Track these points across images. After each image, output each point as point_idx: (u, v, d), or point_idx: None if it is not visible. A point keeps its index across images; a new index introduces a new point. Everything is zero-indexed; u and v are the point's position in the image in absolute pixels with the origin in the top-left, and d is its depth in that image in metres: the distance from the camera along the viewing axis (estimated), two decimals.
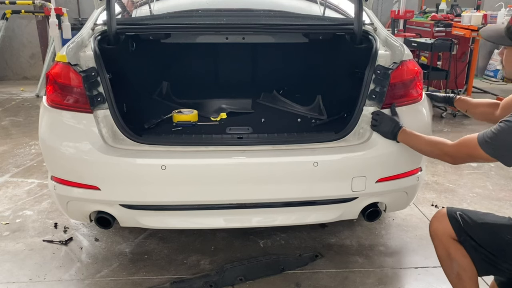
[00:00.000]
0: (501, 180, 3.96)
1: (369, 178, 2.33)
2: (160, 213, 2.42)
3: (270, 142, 2.41)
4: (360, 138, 2.37)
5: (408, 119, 2.33)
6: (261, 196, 2.33)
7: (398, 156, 2.35)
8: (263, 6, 3.24)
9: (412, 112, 2.40)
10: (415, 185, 2.51)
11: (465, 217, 1.96)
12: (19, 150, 4.61)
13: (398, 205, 2.65)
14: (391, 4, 7.29)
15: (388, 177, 2.37)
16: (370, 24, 2.75)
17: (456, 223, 1.96)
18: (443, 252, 2.01)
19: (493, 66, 8.38)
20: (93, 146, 2.23)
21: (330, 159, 2.32)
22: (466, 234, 1.94)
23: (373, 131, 2.34)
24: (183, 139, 2.57)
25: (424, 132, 2.28)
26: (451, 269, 2.00)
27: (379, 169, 2.35)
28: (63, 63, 2.29)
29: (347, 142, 2.38)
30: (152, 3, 3.11)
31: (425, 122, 2.44)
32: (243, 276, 2.55)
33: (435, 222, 2.04)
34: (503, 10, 5.85)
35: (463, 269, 1.95)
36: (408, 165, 2.42)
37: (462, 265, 1.95)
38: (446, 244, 1.98)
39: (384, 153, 2.34)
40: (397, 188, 2.44)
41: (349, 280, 2.57)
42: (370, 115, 2.35)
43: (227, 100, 3.27)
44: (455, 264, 1.97)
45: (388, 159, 2.36)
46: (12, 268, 2.64)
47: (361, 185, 2.33)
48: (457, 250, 1.95)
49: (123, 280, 2.53)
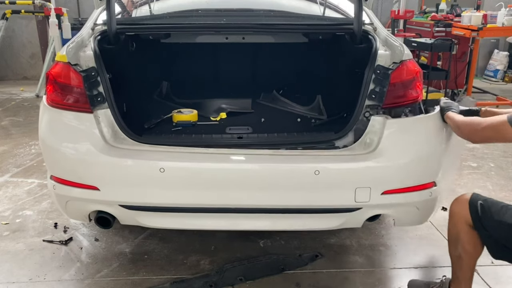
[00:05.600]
0: (501, 180, 3.96)
1: (374, 189, 2.24)
2: (160, 214, 2.41)
3: (270, 142, 2.40)
4: (366, 148, 2.29)
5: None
6: (259, 202, 2.30)
7: (406, 168, 2.28)
8: (263, 6, 3.24)
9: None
10: (427, 200, 2.36)
11: (486, 208, 2.01)
12: (19, 150, 4.61)
13: (409, 220, 2.51)
14: (391, 4, 7.29)
15: (396, 189, 2.27)
16: (370, 24, 2.74)
17: (475, 211, 2.02)
18: (453, 232, 2.14)
19: (493, 66, 8.37)
20: (93, 146, 2.23)
21: (332, 167, 2.26)
22: (481, 225, 2.00)
23: (380, 141, 2.26)
24: (183, 139, 2.57)
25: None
26: (454, 248, 2.15)
27: (385, 180, 2.26)
28: (63, 63, 2.29)
29: (352, 151, 2.31)
30: (152, 3, 3.11)
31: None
32: (243, 276, 2.55)
33: (456, 204, 2.14)
34: (503, 10, 5.85)
35: (465, 253, 2.10)
36: (418, 178, 2.32)
37: (465, 250, 2.10)
38: (459, 227, 2.09)
39: (391, 165, 2.25)
40: (405, 202, 2.33)
41: (349, 280, 2.57)
42: (378, 127, 2.28)
43: (227, 100, 3.27)
44: (459, 247, 2.11)
45: (396, 171, 2.27)
46: (12, 268, 2.64)
47: (365, 196, 2.24)
48: (466, 235, 2.07)
49: (123, 280, 2.53)
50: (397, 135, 2.30)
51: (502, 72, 8.22)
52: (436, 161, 2.35)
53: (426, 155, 2.31)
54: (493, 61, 8.39)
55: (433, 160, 2.34)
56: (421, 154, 2.29)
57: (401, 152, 2.28)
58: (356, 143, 2.33)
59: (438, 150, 2.33)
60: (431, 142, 2.31)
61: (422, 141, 2.31)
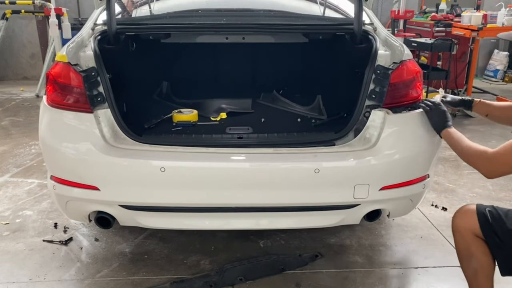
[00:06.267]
0: (501, 180, 3.96)
1: (372, 185, 2.26)
2: (160, 214, 2.41)
3: (270, 142, 2.40)
4: (365, 144, 2.29)
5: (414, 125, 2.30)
6: (259, 200, 2.31)
7: (404, 164, 2.29)
8: (263, 6, 3.24)
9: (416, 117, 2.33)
10: (421, 192, 2.44)
11: (496, 216, 1.93)
12: (19, 150, 4.61)
13: (402, 211, 2.59)
14: (391, 4, 7.28)
15: (393, 185, 2.30)
16: (370, 24, 2.75)
17: (484, 219, 1.94)
18: (463, 247, 2.01)
19: (493, 66, 8.37)
20: (93, 146, 2.23)
21: (331, 165, 2.26)
22: (492, 231, 1.92)
23: (381, 136, 2.27)
24: (183, 139, 2.57)
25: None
26: (468, 265, 2.01)
27: (383, 176, 2.28)
28: (63, 63, 2.29)
29: (351, 147, 2.31)
30: (152, 3, 3.11)
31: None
32: (243, 276, 2.55)
33: (459, 217, 2.03)
34: (503, 10, 5.84)
35: (480, 266, 1.96)
36: (415, 172, 2.35)
37: (480, 262, 1.96)
38: (468, 240, 1.98)
39: (390, 161, 2.27)
40: (401, 195, 2.37)
41: (349, 280, 2.57)
42: (378, 122, 2.29)
43: (227, 100, 3.27)
44: (473, 261, 1.98)
45: (394, 167, 2.28)
46: (12, 268, 2.64)
47: (363, 193, 2.26)
48: (478, 247, 1.96)
49: (123, 280, 2.53)
50: (398, 130, 2.31)
51: (502, 72, 8.21)
52: (432, 154, 2.39)
53: (425, 149, 2.34)
54: (493, 61, 8.38)
55: (430, 153, 2.37)
56: (420, 149, 2.32)
57: (401, 147, 2.29)
58: (355, 138, 2.34)
59: (435, 142, 2.36)
60: (429, 136, 2.31)
61: (421, 135, 2.31)
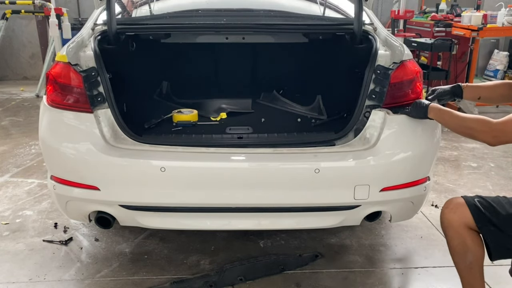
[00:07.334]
0: (501, 180, 3.96)
1: (373, 186, 2.24)
2: (160, 214, 2.41)
3: (270, 142, 2.40)
4: (365, 144, 2.29)
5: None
6: (259, 200, 2.30)
7: (405, 164, 2.28)
8: (263, 6, 3.24)
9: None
10: (422, 195, 2.42)
11: (487, 205, 1.93)
12: (19, 150, 4.61)
13: (403, 215, 2.55)
14: (391, 4, 7.28)
15: (394, 186, 2.28)
16: (370, 24, 2.75)
17: (476, 210, 1.93)
18: (457, 242, 1.98)
19: (493, 66, 8.36)
20: (93, 145, 2.23)
21: (331, 165, 2.25)
22: (487, 221, 1.91)
23: (381, 136, 2.26)
24: (184, 139, 2.57)
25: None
26: (464, 259, 1.98)
27: (384, 177, 2.26)
28: (63, 63, 2.29)
29: (351, 148, 2.31)
30: (152, 3, 3.11)
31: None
32: (243, 276, 2.55)
33: (450, 212, 1.99)
34: (503, 10, 5.84)
35: (476, 259, 1.96)
36: (415, 174, 2.33)
37: (476, 255, 1.96)
38: (463, 234, 1.95)
39: (390, 161, 2.26)
40: (402, 197, 2.35)
41: (349, 280, 2.57)
42: (378, 122, 2.28)
43: (227, 100, 3.27)
44: (469, 254, 1.96)
45: (394, 168, 2.27)
46: (12, 268, 2.64)
47: (364, 194, 2.24)
48: (473, 239, 1.95)
49: (123, 280, 2.53)
50: (398, 130, 2.30)
51: (502, 72, 8.20)
52: (432, 155, 2.38)
53: (425, 150, 2.33)
54: (493, 61, 8.38)
55: (430, 155, 2.37)
56: (420, 149, 2.31)
57: (401, 147, 2.29)
58: (355, 138, 2.34)
59: (435, 144, 2.36)
60: (429, 137, 2.31)
61: (421, 136, 2.31)
